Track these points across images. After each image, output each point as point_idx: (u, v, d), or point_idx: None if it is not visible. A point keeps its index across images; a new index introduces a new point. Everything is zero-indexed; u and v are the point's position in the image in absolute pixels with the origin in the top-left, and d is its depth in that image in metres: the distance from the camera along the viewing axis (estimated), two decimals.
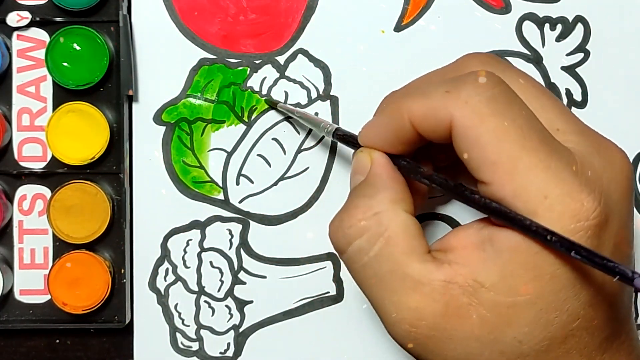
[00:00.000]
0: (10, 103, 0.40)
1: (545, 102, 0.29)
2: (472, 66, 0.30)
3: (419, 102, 0.28)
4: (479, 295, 0.27)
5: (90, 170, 0.39)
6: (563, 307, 0.26)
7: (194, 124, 0.40)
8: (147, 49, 0.40)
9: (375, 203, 0.29)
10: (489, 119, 0.26)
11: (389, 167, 0.30)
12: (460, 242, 0.28)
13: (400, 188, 0.30)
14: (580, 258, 0.24)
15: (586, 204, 0.26)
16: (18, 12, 0.39)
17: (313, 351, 0.40)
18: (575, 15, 0.40)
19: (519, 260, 0.26)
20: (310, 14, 0.40)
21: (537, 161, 0.26)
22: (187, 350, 0.40)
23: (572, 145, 0.28)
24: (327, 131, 0.35)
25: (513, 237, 0.26)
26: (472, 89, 0.27)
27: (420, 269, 0.27)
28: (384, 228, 0.28)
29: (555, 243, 0.25)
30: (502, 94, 0.27)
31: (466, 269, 0.27)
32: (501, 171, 0.26)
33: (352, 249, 0.29)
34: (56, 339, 0.40)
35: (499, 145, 0.26)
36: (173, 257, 0.40)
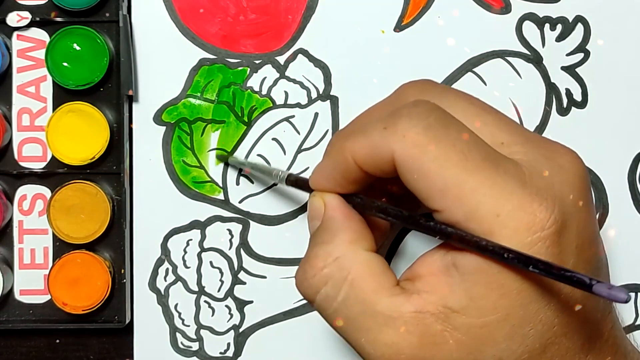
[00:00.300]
0: (10, 103, 0.40)
1: (486, 118, 0.29)
2: (410, 95, 0.30)
3: (360, 142, 0.28)
4: (451, 320, 0.27)
5: (90, 170, 0.39)
6: (536, 318, 0.26)
7: (194, 124, 0.40)
8: (147, 49, 0.40)
9: (333, 248, 0.29)
10: (429, 148, 0.27)
11: (343, 207, 0.30)
12: (426, 269, 0.28)
13: (357, 227, 0.30)
14: (538, 272, 0.25)
15: (539, 214, 0.26)
16: (18, 12, 0.39)
17: (313, 351, 0.40)
18: (575, 15, 0.40)
19: (484, 282, 0.26)
20: (310, 14, 0.40)
21: (483, 180, 0.26)
22: (187, 350, 0.40)
23: (519, 156, 0.28)
24: (280, 178, 0.35)
25: (474, 259, 0.26)
26: (407, 122, 0.27)
27: (390, 303, 0.28)
28: (347, 272, 0.28)
29: (512, 260, 0.25)
30: (438, 120, 0.27)
31: (435, 296, 0.27)
32: (450, 197, 0.26)
33: (319, 297, 0.29)
34: (56, 339, 0.40)
35: (443, 172, 0.26)
36: (173, 257, 0.40)
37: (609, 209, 0.40)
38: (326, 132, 0.40)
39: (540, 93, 0.40)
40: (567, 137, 0.40)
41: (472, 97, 0.30)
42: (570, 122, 0.40)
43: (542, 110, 0.40)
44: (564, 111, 0.40)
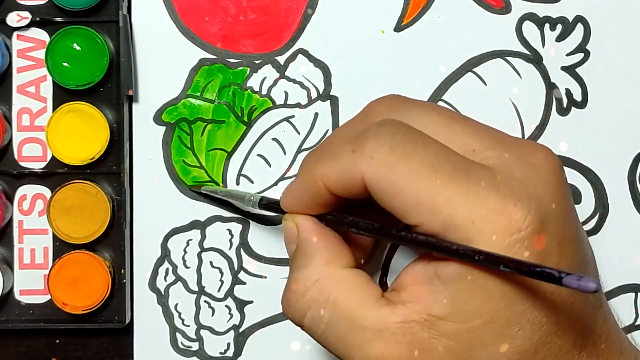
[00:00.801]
0: (10, 103, 0.40)
1: (454, 127, 0.29)
2: (378, 112, 0.30)
3: (329, 166, 0.28)
4: (437, 328, 0.27)
5: (90, 170, 0.39)
6: (523, 319, 0.26)
7: (194, 124, 0.40)
8: (147, 49, 0.40)
9: (311, 271, 0.29)
10: (398, 166, 0.27)
11: (316, 228, 0.30)
12: (410, 279, 0.28)
13: (333, 246, 0.30)
14: (509, 270, 0.25)
15: (514, 216, 0.26)
16: (18, 12, 0.39)
17: (313, 351, 0.40)
18: (575, 15, 0.40)
19: (466, 288, 0.26)
20: (310, 14, 0.40)
21: (455, 189, 0.26)
22: (187, 350, 0.40)
23: (492, 161, 0.28)
24: (253, 202, 0.35)
25: (455, 267, 0.26)
26: (374, 142, 0.27)
27: (375, 317, 0.28)
28: (328, 293, 0.29)
29: (483, 261, 0.25)
30: (404, 137, 0.27)
31: (419, 305, 0.27)
32: (424, 210, 0.26)
33: (306, 321, 0.29)
34: (56, 339, 0.40)
35: (414, 186, 0.26)
36: (173, 257, 0.40)
37: (609, 209, 0.40)
38: (326, 132, 0.40)
39: (540, 93, 0.40)
40: (567, 137, 0.40)
41: (441, 108, 0.31)
42: (570, 122, 0.40)
43: (542, 110, 0.40)
44: (564, 111, 0.40)
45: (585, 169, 0.40)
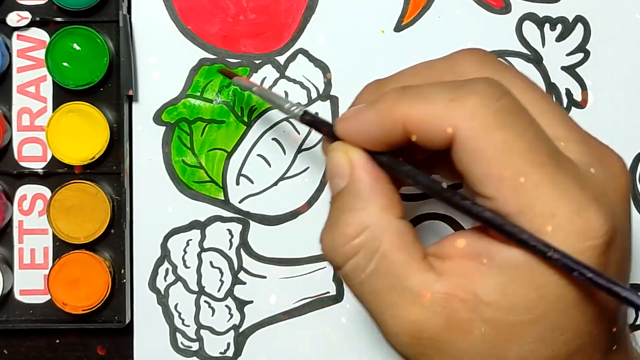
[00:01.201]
0: (10, 103, 0.40)
1: (545, 107, 0.27)
2: (469, 65, 0.29)
3: (419, 108, 0.26)
4: (480, 311, 0.25)
5: (90, 170, 0.39)
6: (569, 325, 0.25)
7: (193, 124, 0.40)
8: (147, 49, 0.40)
9: (365, 216, 0.27)
10: (496, 133, 0.25)
11: (371, 168, 0.28)
12: (457, 251, 0.27)
13: (388, 191, 0.28)
14: (583, 279, 0.23)
15: (594, 222, 0.24)
16: (18, 12, 0.39)
17: (313, 351, 0.40)
18: (575, 15, 0.40)
19: (522, 280, 0.25)
20: (310, 14, 0.40)
21: (545, 176, 0.25)
22: (187, 350, 0.40)
23: (574, 155, 0.26)
24: (293, 113, 0.31)
25: (514, 253, 0.25)
26: (479, 100, 0.25)
27: (420, 280, 0.26)
28: (379, 242, 0.27)
29: (556, 260, 0.24)
30: (509, 105, 0.25)
31: (466, 281, 0.26)
32: (506, 187, 0.25)
33: (348, 267, 0.27)
34: (56, 339, 0.40)
35: (506, 160, 0.25)
36: (173, 257, 0.40)
37: None
38: None
39: None
40: None
41: (531, 81, 0.29)
42: None
43: None
44: None
45: None
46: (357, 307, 0.40)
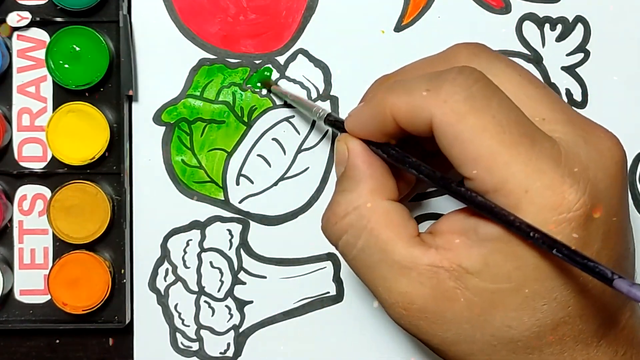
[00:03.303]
0: (10, 103, 0.40)
1: (531, 92, 0.29)
2: (460, 57, 0.31)
3: (401, 99, 0.28)
4: (464, 280, 0.27)
5: (90, 170, 0.39)
6: (550, 295, 0.27)
7: (193, 124, 0.40)
8: (147, 49, 0.40)
9: (355, 197, 0.30)
10: (468, 117, 0.27)
11: (366, 155, 0.30)
12: (448, 227, 0.29)
13: (379, 175, 0.30)
14: (561, 256, 0.25)
15: (568, 196, 0.26)
16: (18, 12, 0.39)
17: (313, 351, 0.40)
18: (575, 15, 0.40)
19: (502, 251, 0.27)
20: (310, 14, 0.40)
21: (517, 154, 0.26)
22: (187, 350, 0.40)
23: (558, 134, 0.28)
24: (319, 116, 0.35)
25: (495, 228, 0.27)
26: (450, 88, 0.27)
27: (406, 254, 0.28)
28: (366, 220, 0.29)
29: (537, 240, 0.25)
30: (480, 90, 0.27)
31: (451, 254, 0.28)
32: (481, 167, 0.26)
33: (341, 243, 0.30)
34: (56, 339, 0.40)
35: (478, 142, 0.26)
36: (173, 257, 0.40)
37: None
38: (326, 132, 0.40)
39: None
40: None
41: (522, 68, 0.30)
42: None
43: None
44: None
45: None
46: (357, 307, 0.40)
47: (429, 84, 0.28)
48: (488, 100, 0.27)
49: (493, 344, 0.28)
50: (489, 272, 0.27)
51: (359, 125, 0.31)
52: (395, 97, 0.29)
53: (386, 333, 0.40)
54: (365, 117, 0.30)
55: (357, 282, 0.40)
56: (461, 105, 0.27)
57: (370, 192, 0.30)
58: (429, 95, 0.28)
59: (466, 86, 0.27)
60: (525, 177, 0.26)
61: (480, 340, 0.28)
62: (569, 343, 0.27)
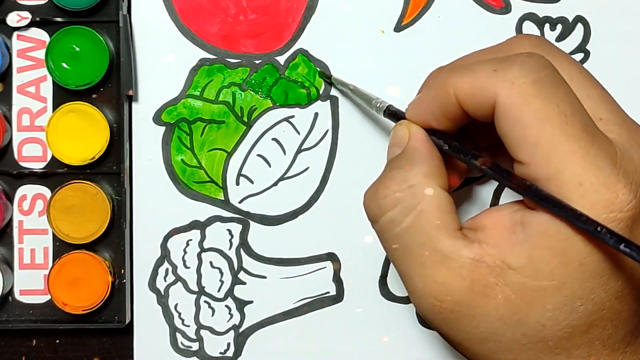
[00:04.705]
0: (10, 103, 0.40)
1: (591, 91, 0.29)
2: (522, 47, 0.31)
3: (466, 78, 0.28)
4: (505, 277, 0.27)
5: (90, 170, 0.39)
6: (589, 296, 0.26)
7: (193, 124, 0.40)
8: (147, 49, 0.40)
9: (410, 176, 0.29)
10: (533, 101, 0.27)
11: (426, 141, 0.30)
12: (492, 222, 0.29)
13: (436, 163, 0.30)
14: (629, 252, 0.24)
15: (621, 195, 0.26)
16: (18, 12, 0.39)
17: (313, 351, 0.40)
18: (575, 15, 0.40)
19: (548, 245, 0.26)
20: (310, 14, 0.40)
21: (577, 147, 0.26)
22: (187, 350, 0.40)
23: (614, 135, 0.28)
24: (378, 108, 0.35)
25: (544, 220, 0.26)
26: (519, 70, 0.27)
27: (450, 244, 0.28)
28: (418, 201, 0.29)
29: (604, 234, 0.25)
30: (548, 77, 0.27)
31: (495, 249, 0.27)
32: (539, 153, 0.26)
33: (384, 219, 0.29)
34: (56, 339, 0.40)
35: (540, 127, 0.26)
36: (173, 257, 0.40)
37: None
38: (326, 132, 0.40)
39: None
40: None
41: (582, 67, 0.30)
42: None
43: None
44: None
45: None
46: (357, 307, 0.40)
47: (497, 64, 0.28)
48: (555, 88, 0.27)
49: (522, 342, 0.27)
50: (532, 268, 0.27)
51: (421, 110, 0.30)
52: (459, 77, 0.29)
53: (386, 333, 0.40)
54: (427, 102, 0.30)
55: (357, 282, 0.40)
56: (529, 87, 0.27)
57: (426, 175, 0.29)
58: (496, 74, 0.27)
59: (535, 70, 0.27)
60: (582, 170, 0.26)
61: (510, 339, 0.27)
62: (597, 346, 0.27)
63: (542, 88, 0.27)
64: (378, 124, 0.39)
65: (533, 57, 0.28)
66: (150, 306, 0.40)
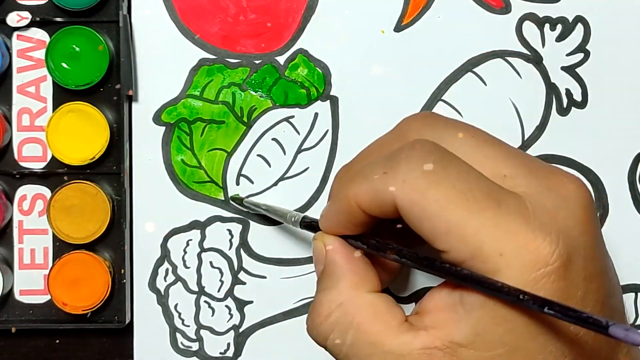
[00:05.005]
0: (10, 103, 0.40)
1: (487, 151, 0.29)
2: (412, 130, 0.30)
3: (362, 187, 0.28)
4: (459, 355, 0.27)
5: (90, 170, 0.39)
6: (545, 350, 0.26)
7: (193, 124, 0.40)
8: (147, 49, 0.40)
9: (336, 294, 0.29)
10: (429, 192, 0.27)
11: (344, 250, 0.30)
12: (433, 305, 0.28)
13: (359, 270, 0.30)
14: (553, 313, 0.24)
15: (542, 250, 0.26)
16: (18, 12, 0.39)
17: (313, 351, 0.40)
18: (575, 15, 0.40)
19: (489, 317, 0.26)
20: (310, 14, 0.40)
21: (485, 220, 0.26)
22: (187, 350, 0.40)
23: (522, 189, 0.28)
24: (294, 221, 0.35)
25: (480, 297, 0.27)
26: (406, 166, 0.27)
27: (398, 343, 0.28)
28: (352, 317, 0.29)
29: (526, 302, 0.25)
30: (437, 162, 0.27)
31: (442, 332, 0.27)
32: (454, 238, 0.26)
33: (329, 343, 0.30)
34: (56, 339, 0.40)
35: (445, 214, 0.26)
36: (173, 257, 0.40)
37: (609, 209, 0.40)
38: (326, 132, 0.40)
39: (540, 93, 0.40)
40: (567, 137, 0.40)
41: (475, 129, 0.30)
42: (570, 122, 0.40)
43: (542, 110, 0.40)
44: (564, 111, 0.40)
45: (585, 169, 0.40)
46: None
47: (386, 166, 0.28)
48: (446, 170, 0.27)
49: None
50: (481, 341, 0.26)
51: (331, 222, 0.31)
52: (356, 187, 0.29)
53: None
54: (335, 213, 0.30)
55: None
56: (420, 181, 0.27)
57: (352, 288, 0.29)
58: (388, 177, 0.27)
59: (422, 160, 0.27)
60: (497, 241, 0.26)
61: None
62: None
63: (433, 176, 0.27)
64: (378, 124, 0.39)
65: (415, 147, 0.28)
66: (150, 306, 0.40)
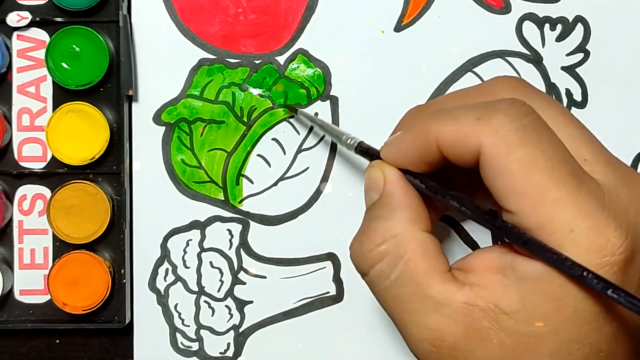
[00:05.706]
0: (10, 103, 0.40)
1: (573, 131, 0.29)
2: (501, 89, 0.30)
3: (448, 126, 0.28)
4: (499, 321, 0.27)
5: (90, 170, 0.39)
6: (585, 340, 0.26)
7: (193, 124, 0.40)
8: (147, 49, 0.40)
9: (392, 225, 0.29)
10: (518, 149, 0.26)
11: (403, 184, 0.30)
12: (482, 264, 0.28)
13: (417, 206, 0.29)
14: (617, 298, 0.24)
15: (612, 239, 0.25)
16: (18, 12, 0.39)
17: (313, 351, 0.40)
18: (575, 15, 0.40)
19: (542, 291, 0.26)
20: (310, 14, 0.40)
21: (565, 193, 0.26)
22: (187, 350, 0.40)
23: (600, 176, 0.27)
24: (350, 144, 0.34)
25: (537, 267, 0.26)
26: (503, 118, 0.27)
27: (441, 290, 0.27)
28: (403, 251, 0.28)
29: (590, 279, 0.25)
30: (532, 123, 0.27)
31: (487, 292, 0.27)
32: (528, 202, 0.26)
33: (373, 272, 0.29)
34: (56, 339, 0.40)
35: (527, 175, 0.26)
36: (173, 257, 0.40)
37: None
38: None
39: None
40: None
41: (563, 107, 0.30)
42: None
43: None
44: None
45: None
46: (357, 307, 0.40)
47: (480, 112, 0.27)
48: (539, 135, 0.27)
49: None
50: (525, 314, 0.26)
51: (398, 153, 0.30)
52: (441, 125, 0.28)
53: (386, 333, 0.40)
54: (406, 145, 0.29)
55: (357, 282, 0.40)
56: (513, 136, 0.26)
57: (408, 222, 0.29)
58: (480, 123, 0.27)
59: (518, 117, 0.27)
60: (572, 216, 0.25)
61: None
62: None
63: (527, 135, 0.26)
64: (378, 124, 0.39)
65: (515, 104, 0.27)
66: (150, 306, 0.40)
